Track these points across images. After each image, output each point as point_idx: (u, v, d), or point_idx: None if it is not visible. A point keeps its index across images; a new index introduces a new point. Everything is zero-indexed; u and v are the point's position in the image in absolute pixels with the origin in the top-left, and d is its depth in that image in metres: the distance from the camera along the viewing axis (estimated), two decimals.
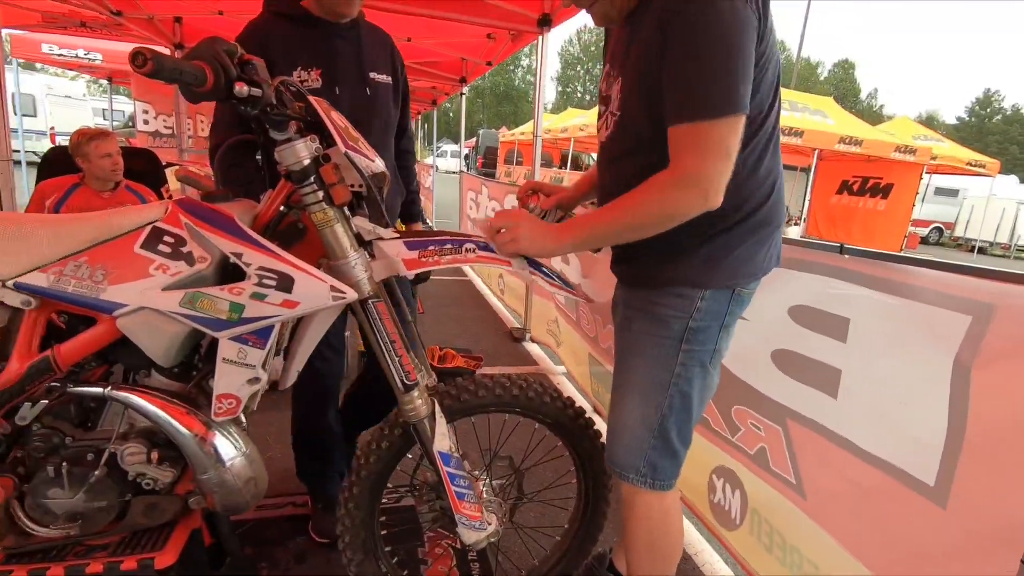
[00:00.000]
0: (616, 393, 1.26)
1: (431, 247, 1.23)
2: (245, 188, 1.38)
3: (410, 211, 1.94)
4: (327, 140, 1.12)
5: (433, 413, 1.26)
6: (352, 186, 1.14)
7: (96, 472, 1.11)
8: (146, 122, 8.82)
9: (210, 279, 1.07)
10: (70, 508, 1.11)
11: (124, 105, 15.87)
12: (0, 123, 2.96)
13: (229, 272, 1.09)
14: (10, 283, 1.02)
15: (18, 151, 9.27)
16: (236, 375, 1.07)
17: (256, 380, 1.09)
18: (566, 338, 3.55)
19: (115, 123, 13.13)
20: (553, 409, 1.44)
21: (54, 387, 1.09)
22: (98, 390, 1.11)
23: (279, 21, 1.53)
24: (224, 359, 1.06)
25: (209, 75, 0.89)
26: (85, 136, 2.69)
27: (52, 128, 14.30)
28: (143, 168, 3.09)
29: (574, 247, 1.17)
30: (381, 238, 1.21)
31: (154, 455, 1.14)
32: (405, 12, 3.80)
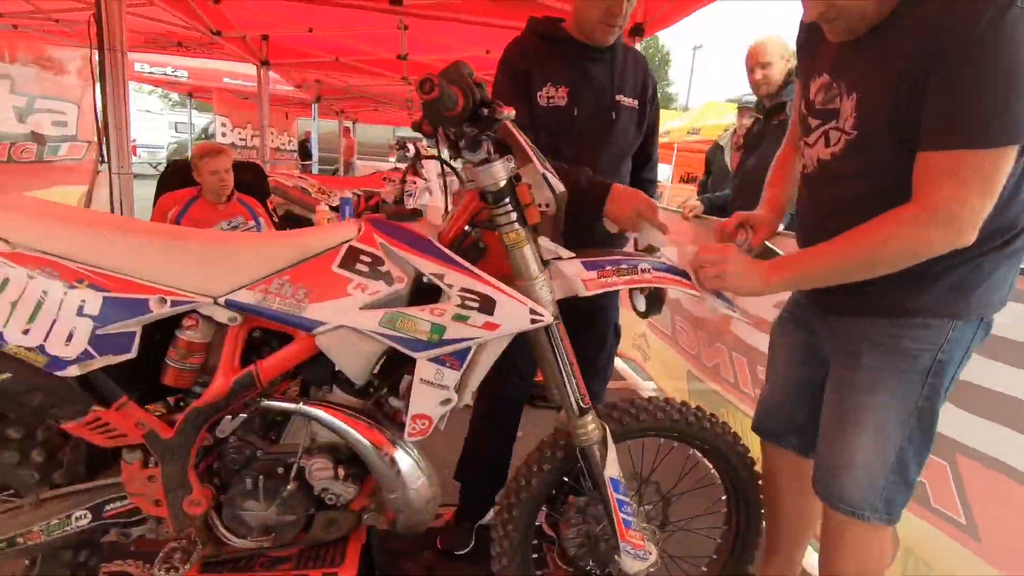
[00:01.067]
0: (839, 430, 1.17)
1: (608, 267, 1.20)
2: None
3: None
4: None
5: (604, 438, 1.24)
6: (539, 205, 1.13)
7: (288, 486, 1.14)
8: (224, 135, 9.24)
9: (405, 299, 1.08)
10: (263, 520, 1.14)
11: (196, 119, 16.74)
12: (123, 139, 3.16)
13: (423, 292, 1.10)
14: (220, 300, 1.05)
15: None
16: (431, 396, 1.08)
17: (448, 401, 1.09)
18: (657, 353, 3.47)
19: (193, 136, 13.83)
20: (711, 435, 1.40)
21: (250, 401, 1.12)
22: (291, 405, 1.13)
23: (539, 41, 1.57)
24: (421, 380, 1.07)
25: (461, 100, 0.90)
26: (199, 153, 2.83)
27: (134, 141, 15.14)
28: (251, 180, 3.21)
29: (783, 287, 1.11)
30: (559, 257, 1.20)
31: (340, 471, 1.16)
32: (485, 24, 3.84)
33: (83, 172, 4.91)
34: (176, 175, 3.15)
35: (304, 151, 11.55)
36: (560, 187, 1.16)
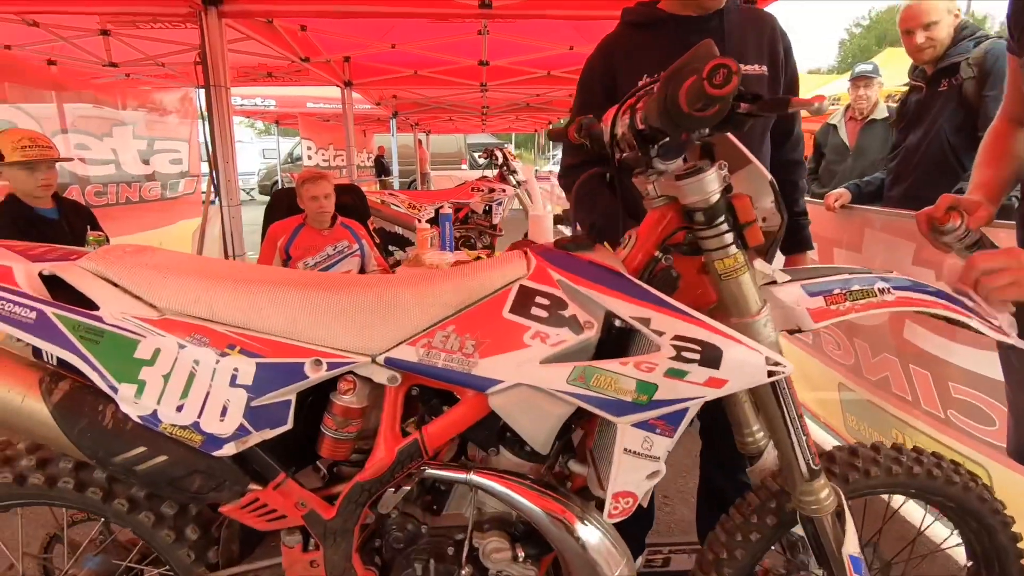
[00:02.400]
0: None
1: (836, 290, 0.95)
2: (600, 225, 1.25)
3: (798, 239, 1.56)
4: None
5: (840, 507, 0.98)
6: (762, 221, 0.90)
7: (462, 571, 0.97)
8: (310, 157, 9.65)
9: (594, 348, 0.88)
10: None
11: (282, 144, 17.69)
12: (231, 173, 3.22)
13: (610, 339, 0.90)
14: (379, 358, 0.90)
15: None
16: (637, 469, 0.87)
17: (656, 474, 0.88)
18: (796, 364, 3.09)
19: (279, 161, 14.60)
20: (957, 490, 1.10)
21: (414, 471, 0.97)
22: (461, 475, 0.97)
23: (630, 31, 1.41)
24: (626, 450, 0.86)
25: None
26: (300, 179, 2.81)
27: None
28: (352, 203, 3.18)
29: None
30: (775, 281, 0.96)
31: (518, 551, 0.98)
32: (574, 17, 3.62)
33: (197, 205, 5.20)
34: (282, 203, 3.17)
35: (380, 166, 11.85)
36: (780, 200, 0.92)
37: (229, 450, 0.88)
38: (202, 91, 3.11)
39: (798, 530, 1.09)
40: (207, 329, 0.88)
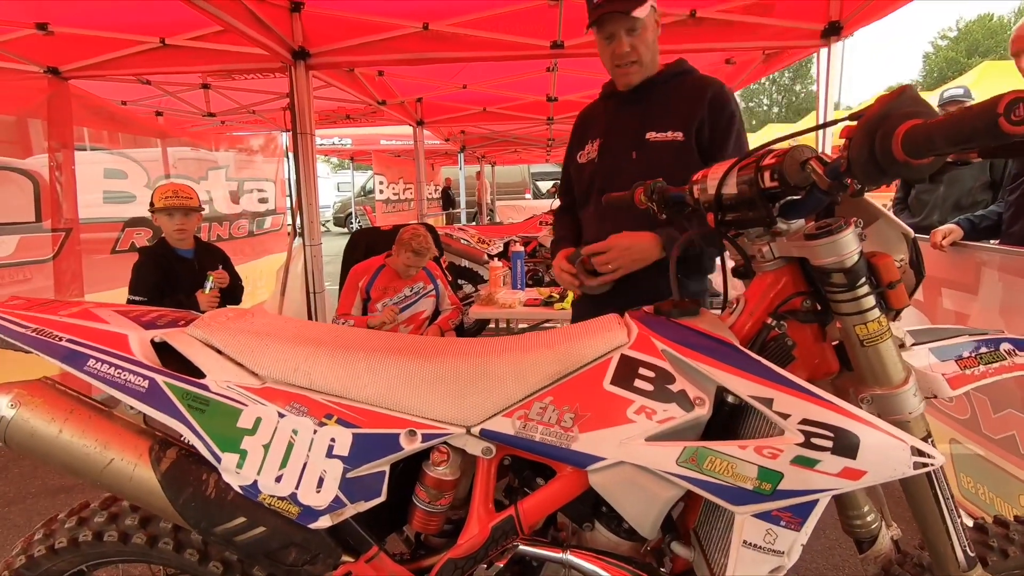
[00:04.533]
0: None
1: (966, 353, 0.86)
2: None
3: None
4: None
5: None
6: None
7: None
8: (381, 191, 10.07)
9: (703, 427, 0.81)
10: None
11: (356, 178, 18.60)
12: (314, 214, 3.37)
13: (724, 417, 0.82)
14: (475, 430, 0.87)
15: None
16: (758, 564, 0.78)
17: (779, 570, 0.79)
18: None
19: (353, 195, 15.31)
20: None
21: (508, 547, 0.92)
22: (556, 554, 0.91)
23: (597, 103, 1.66)
24: (745, 542, 0.78)
25: None
26: (408, 245, 2.81)
27: None
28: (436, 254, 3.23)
29: None
30: (903, 344, 0.86)
31: None
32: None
33: (282, 240, 5.50)
34: (361, 242, 3.28)
35: (447, 199, 12.17)
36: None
37: (324, 522, 0.86)
38: (286, 133, 3.30)
39: None
40: (306, 398, 0.87)
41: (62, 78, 3.42)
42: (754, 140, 1.93)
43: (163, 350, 0.93)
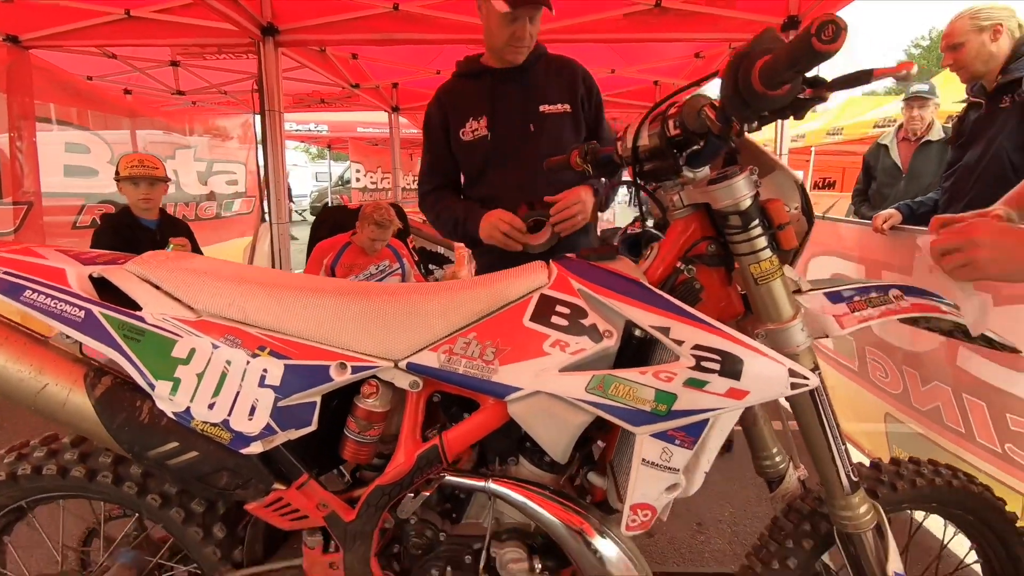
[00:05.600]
0: None
1: (856, 297, 0.94)
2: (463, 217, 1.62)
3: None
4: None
5: (880, 524, 0.93)
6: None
7: None
8: (358, 179, 10.01)
9: (613, 357, 0.87)
10: None
11: (333, 168, 18.44)
12: (281, 193, 3.37)
13: (632, 348, 0.88)
14: (402, 363, 0.92)
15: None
16: (656, 481, 0.85)
17: (676, 487, 0.86)
18: (837, 392, 2.95)
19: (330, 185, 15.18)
20: (976, 502, 1.09)
21: (433, 477, 0.97)
22: (479, 483, 0.97)
23: (459, 81, 1.69)
24: (644, 461, 0.84)
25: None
26: (369, 218, 2.83)
27: None
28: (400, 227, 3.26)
29: None
30: (799, 289, 0.93)
31: (536, 563, 0.97)
32: (618, 41, 3.65)
33: (252, 224, 5.47)
34: (328, 221, 3.29)
35: None
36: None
37: (256, 448, 0.90)
38: (259, 116, 3.30)
39: (825, 558, 1.04)
40: (240, 331, 0.92)
41: (22, 47, 3.36)
42: None
43: (102, 287, 0.96)
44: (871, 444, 2.57)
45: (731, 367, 0.79)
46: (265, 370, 0.90)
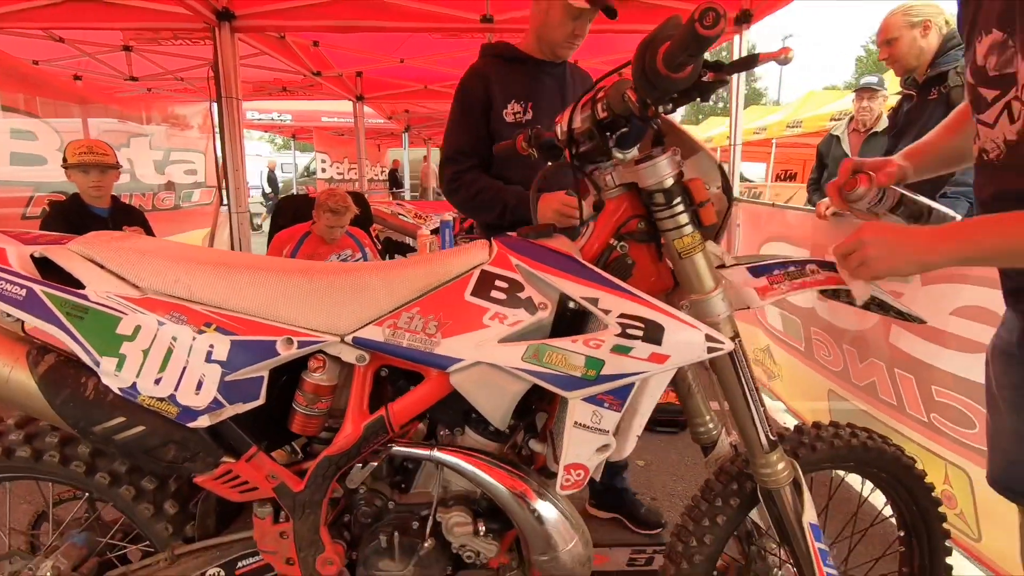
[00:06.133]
0: None
1: (776, 271, 1.02)
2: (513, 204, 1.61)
3: None
4: None
5: (797, 478, 1.01)
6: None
7: (425, 544, 1.01)
8: (324, 170, 9.85)
9: (549, 328, 0.93)
10: None
11: (298, 158, 18.06)
12: (240, 181, 3.33)
13: (566, 319, 0.94)
14: (348, 338, 0.95)
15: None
16: (587, 442, 0.91)
17: (607, 447, 0.92)
18: (786, 371, 3.09)
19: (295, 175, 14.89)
20: (890, 461, 1.18)
21: (380, 448, 1.01)
22: (424, 452, 1.01)
23: (497, 63, 1.69)
24: (576, 423, 0.90)
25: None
26: (325, 205, 2.81)
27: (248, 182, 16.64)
28: (357, 211, 3.26)
29: (951, 260, 0.85)
30: (724, 264, 1.00)
31: (480, 526, 1.02)
32: None
33: (212, 215, 5.35)
34: (288, 210, 3.27)
35: (394, 179, 12.07)
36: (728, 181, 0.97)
37: (203, 422, 0.93)
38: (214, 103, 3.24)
39: (753, 516, 1.12)
40: (185, 308, 0.93)
41: None
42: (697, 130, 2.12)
43: (45, 268, 0.97)
44: (816, 420, 2.71)
45: (653, 334, 0.85)
46: (212, 346, 0.92)
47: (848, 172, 1.09)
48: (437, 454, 1.00)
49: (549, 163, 1.55)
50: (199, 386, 0.92)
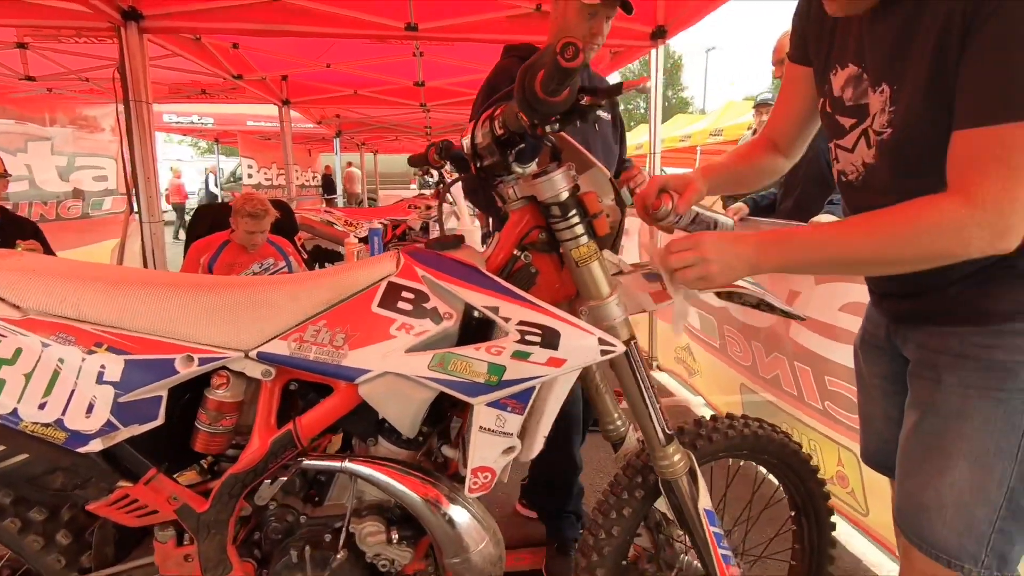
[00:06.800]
0: (923, 461, 0.97)
1: None
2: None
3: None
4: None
5: (692, 468, 1.09)
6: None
7: (338, 555, 1.01)
8: (250, 175, 9.46)
9: (455, 337, 0.96)
10: None
11: (224, 163, 17.26)
12: (152, 188, 3.16)
13: (474, 328, 0.97)
14: (252, 353, 0.95)
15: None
16: (493, 445, 0.94)
17: (512, 449, 0.96)
18: (704, 367, 3.27)
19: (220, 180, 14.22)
20: (779, 447, 1.28)
21: (290, 462, 1.01)
22: (335, 464, 1.01)
23: (517, 63, 1.71)
24: (481, 427, 0.93)
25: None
26: (241, 209, 2.72)
27: (166, 190, 15.77)
28: (280, 218, 3.16)
29: (778, 269, 0.92)
30: (621, 271, 1.07)
31: (393, 534, 1.03)
32: (502, 41, 3.77)
33: (123, 225, 5.01)
34: (206, 219, 3.13)
35: (328, 185, 11.76)
36: (625, 192, 1.04)
37: (95, 446, 0.89)
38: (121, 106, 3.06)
39: (660, 506, 1.19)
40: (73, 328, 0.90)
41: None
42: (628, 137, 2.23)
43: None
44: (730, 412, 2.88)
45: (550, 339, 0.90)
46: (103, 367, 0.89)
47: (655, 191, 1.13)
48: (348, 465, 1.01)
49: (458, 175, 1.59)
50: (90, 409, 0.89)
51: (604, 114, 1.80)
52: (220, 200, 13.70)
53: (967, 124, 0.76)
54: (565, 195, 0.96)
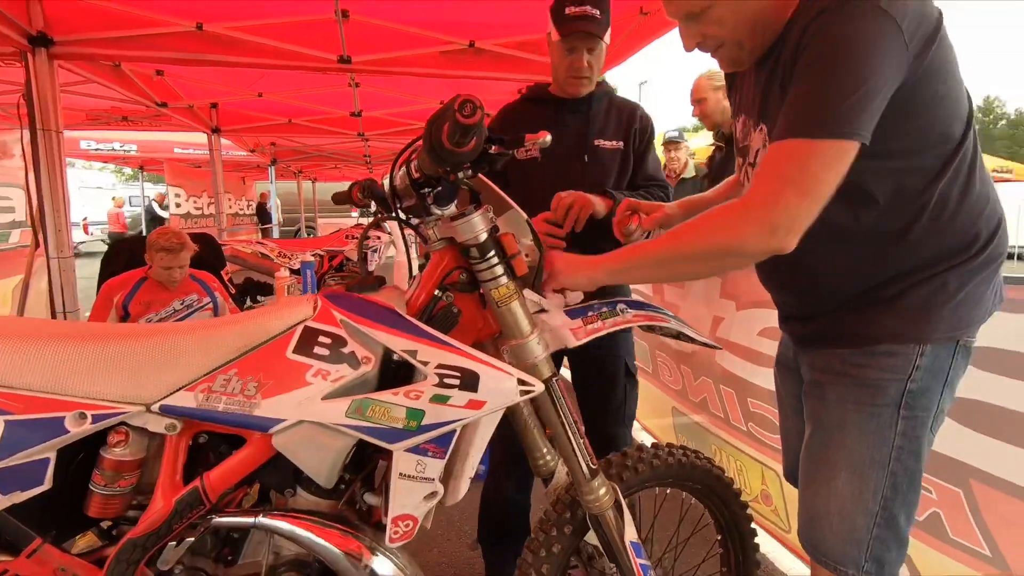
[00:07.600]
0: (813, 472, 1.05)
1: (590, 312, 1.15)
2: None
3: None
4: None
5: (617, 500, 1.11)
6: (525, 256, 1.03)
7: None
8: (178, 205, 9.04)
9: (375, 382, 0.94)
10: None
11: (149, 191, 16.42)
12: (62, 221, 2.97)
13: (394, 373, 0.96)
14: (155, 407, 0.89)
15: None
16: (413, 492, 0.92)
17: (434, 495, 0.94)
18: (640, 392, 3.34)
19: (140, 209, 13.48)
20: (702, 473, 1.33)
21: (198, 521, 0.95)
22: (248, 520, 0.96)
23: (525, 104, 1.76)
24: (401, 474, 0.91)
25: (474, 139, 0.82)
26: (156, 245, 2.59)
27: (85, 219, 14.80)
28: (204, 253, 3.04)
29: (610, 278, 1.04)
30: (544, 309, 1.09)
31: None
32: (436, 75, 3.80)
33: (27, 262, 4.64)
34: (120, 255, 2.96)
35: (263, 214, 11.38)
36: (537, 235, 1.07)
37: None
38: (28, 133, 2.87)
39: (591, 539, 1.19)
40: None
41: None
42: None
43: None
44: (662, 435, 2.96)
45: (469, 381, 0.90)
46: None
47: (626, 210, 1.30)
48: (263, 520, 0.96)
49: (380, 215, 1.59)
50: None
51: (609, 143, 1.73)
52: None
53: (769, 143, 0.88)
54: (483, 236, 0.97)
